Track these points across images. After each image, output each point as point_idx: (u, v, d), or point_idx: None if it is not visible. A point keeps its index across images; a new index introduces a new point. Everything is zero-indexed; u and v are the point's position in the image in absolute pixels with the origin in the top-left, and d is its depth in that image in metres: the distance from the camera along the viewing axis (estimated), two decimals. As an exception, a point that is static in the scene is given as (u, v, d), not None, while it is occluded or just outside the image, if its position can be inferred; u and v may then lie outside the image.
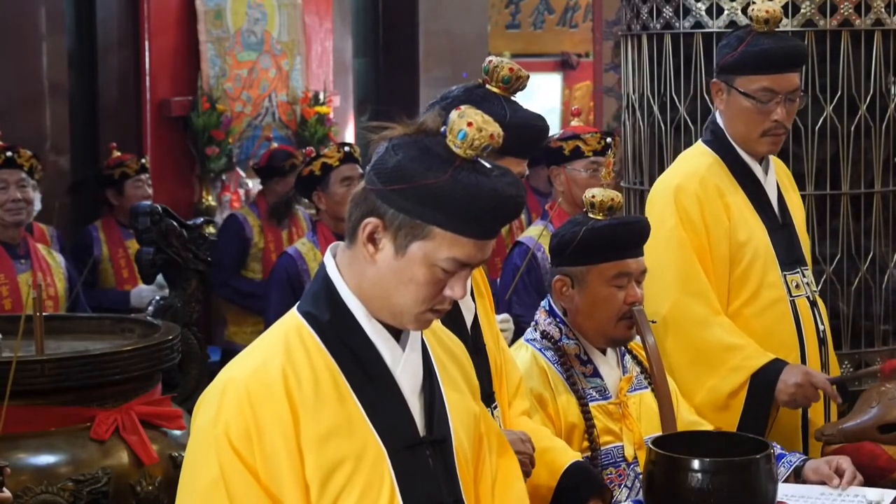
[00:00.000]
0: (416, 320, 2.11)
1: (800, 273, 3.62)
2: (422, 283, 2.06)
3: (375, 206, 2.05)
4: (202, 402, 2.12)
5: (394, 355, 2.14)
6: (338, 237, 5.51)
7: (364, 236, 2.06)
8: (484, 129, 2.03)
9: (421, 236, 2.03)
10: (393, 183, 2.02)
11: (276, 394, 2.06)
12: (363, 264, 2.09)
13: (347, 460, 2.07)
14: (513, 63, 2.66)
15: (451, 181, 2.00)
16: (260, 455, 2.04)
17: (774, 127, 3.52)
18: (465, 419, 2.24)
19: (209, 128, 7.53)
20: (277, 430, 2.05)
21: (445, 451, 2.17)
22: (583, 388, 3.12)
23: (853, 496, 3.00)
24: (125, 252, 6.28)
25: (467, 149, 2.03)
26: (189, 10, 7.69)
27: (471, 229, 2.03)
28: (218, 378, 2.14)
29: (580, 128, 5.15)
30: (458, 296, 2.09)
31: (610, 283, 3.11)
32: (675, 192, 3.53)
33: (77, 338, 3.87)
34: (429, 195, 2.01)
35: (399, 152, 2.04)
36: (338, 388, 2.09)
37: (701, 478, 2.65)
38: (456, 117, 2.04)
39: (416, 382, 2.16)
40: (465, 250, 2.04)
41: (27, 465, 3.39)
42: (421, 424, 2.15)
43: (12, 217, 5.02)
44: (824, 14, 4.15)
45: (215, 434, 2.05)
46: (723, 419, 3.43)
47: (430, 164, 2.01)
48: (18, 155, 5.14)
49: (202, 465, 2.06)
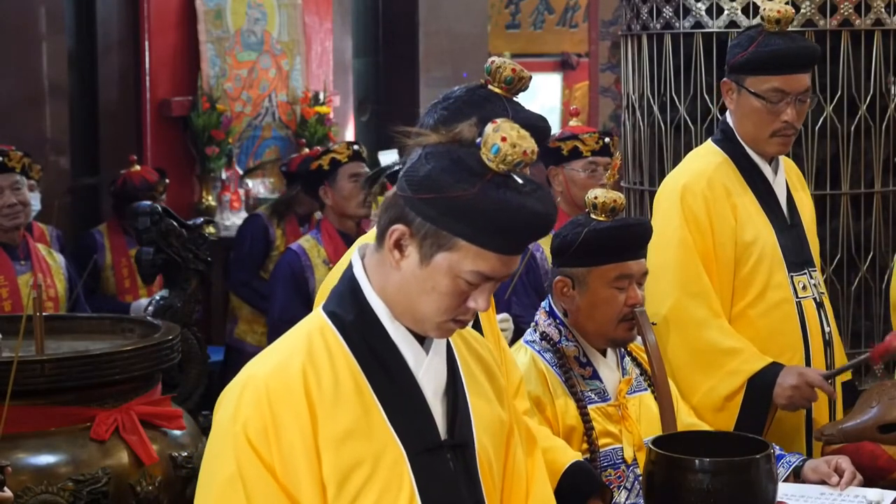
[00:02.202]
0: (437, 328, 2.12)
1: (807, 274, 3.61)
2: (445, 293, 2.06)
3: (404, 212, 2.05)
4: (223, 399, 2.13)
5: (417, 358, 2.14)
6: (341, 234, 5.51)
7: (391, 242, 2.06)
8: (518, 146, 2.02)
9: (447, 247, 2.03)
10: (422, 192, 2.02)
11: (294, 392, 2.06)
12: (388, 269, 2.10)
13: (366, 461, 2.07)
14: (515, 64, 2.66)
15: (481, 195, 1.99)
16: (277, 453, 2.05)
17: (784, 127, 3.51)
18: (491, 426, 2.23)
19: (209, 128, 7.53)
20: (296, 428, 2.05)
21: (467, 456, 2.17)
22: (581, 390, 3.12)
23: (853, 496, 3.00)
24: (128, 262, 6.16)
25: (500, 163, 2.01)
26: (189, 10, 7.69)
27: (497, 244, 2.03)
28: (239, 375, 2.14)
29: (578, 128, 5.14)
30: (481, 308, 2.09)
31: (611, 285, 3.10)
32: (682, 191, 3.53)
33: (77, 338, 3.87)
34: (457, 207, 2.00)
35: (431, 161, 2.03)
36: (358, 389, 2.10)
37: (701, 478, 2.65)
38: (491, 131, 2.03)
39: (438, 386, 2.16)
40: (489, 264, 2.04)
41: (27, 465, 3.39)
42: (443, 428, 2.15)
43: (10, 222, 4.96)
44: (824, 14, 4.15)
45: (234, 431, 2.06)
46: (719, 421, 3.43)
47: (460, 175, 2.00)
48: (9, 158, 5.02)
49: (220, 462, 2.07)
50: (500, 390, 2.31)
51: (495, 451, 2.24)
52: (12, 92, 6.72)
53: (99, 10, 7.49)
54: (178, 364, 3.98)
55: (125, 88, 7.59)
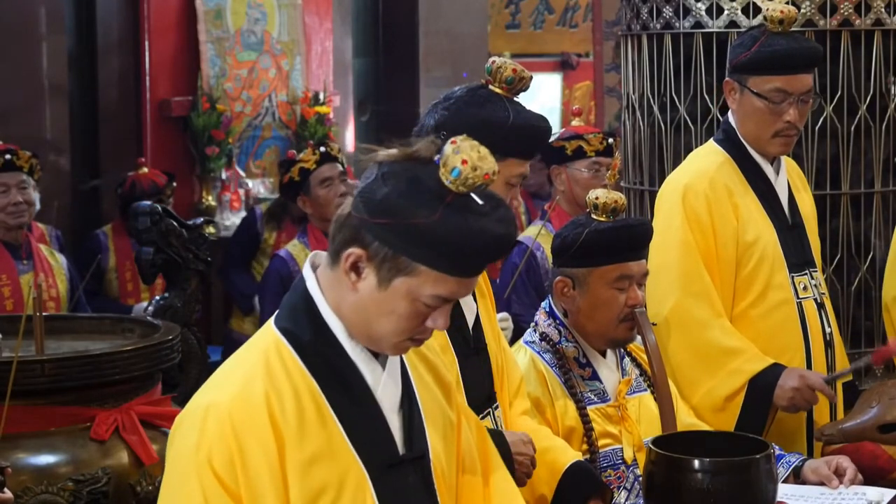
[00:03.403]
0: (394, 347, 2.09)
1: (808, 275, 3.60)
2: (403, 315, 2.03)
3: (360, 235, 2.01)
4: (181, 426, 2.06)
5: (374, 375, 2.11)
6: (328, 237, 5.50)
7: (347, 265, 2.03)
8: (479, 168, 1.96)
9: (406, 272, 1.99)
10: (380, 216, 1.97)
11: (260, 421, 2.02)
12: (344, 289, 2.06)
13: (331, 486, 2.04)
14: (516, 64, 2.65)
15: (441, 222, 1.94)
16: (244, 482, 2.00)
17: (786, 128, 3.50)
18: (443, 429, 2.21)
19: (209, 128, 7.53)
20: (262, 457, 2.01)
21: (424, 468, 2.15)
22: (581, 391, 3.12)
23: (853, 496, 3.00)
24: (132, 265, 6.13)
25: (460, 185, 1.96)
26: (189, 11, 7.69)
27: (457, 269, 2.00)
28: (196, 401, 2.08)
29: (582, 128, 5.15)
30: (439, 327, 2.07)
31: (611, 286, 3.10)
32: (684, 191, 3.53)
33: (77, 338, 3.87)
34: (416, 234, 1.95)
35: (388, 182, 1.97)
36: (319, 411, 2.06)
37: (701, 478, 2.65)
38: (451, 152, 1.97)
39: (395, 400, 2.14)
40: (449, 288, 2.01)
41: (27, 465, 3.39)
42: (400, 442, 2.13)
43: (15, 220, 5.04)
44: (824, 14, 4.15)
45: (197, 461, 2.00)
46: (720, 421, 3.42)
47: (419, 200, 1.95)
48: (18, 157, 5.13)
49: (184, 493, 2.01)
50: (445, 387, 2.28)
51: (447, 456, 2.22)
52: (12, 92, 6.73)
53: (99, 10, 7.50)
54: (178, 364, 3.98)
55: (125, 88, 7.59)
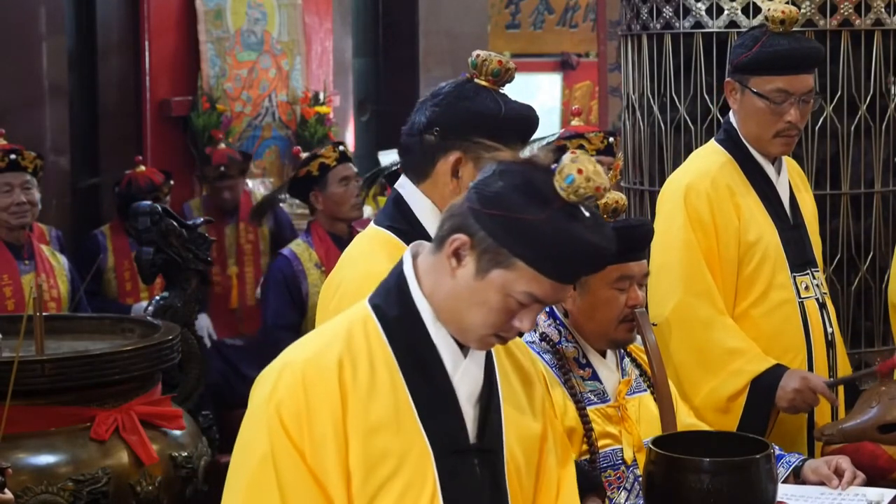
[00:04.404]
0: (479, 341, 2.14)
1: (810, 275, 3.60)
2: (494, 308, 2.08)
3: (468, 223, 2.07)
4: (261, 379, 2.16)
5: (455, 361, 2.16)
6: (332, 236, 5.49)
7: (450, 249, 2.09)
8: (592, 180, 2.03)
9: (504, 265, 2.05)
10: (490, 207, 2.04)
11: (329, 380, 2.09)
12: (442, 275, 2.12)
13: (392, 455, 2.10)
14: (500, 55, 2.67)
15: (548, 222, 2.02)
16: (308, 438, 2.07)
17: (788, 128, 3.50)
18: (523, 437, 2.25)
19: (209, 128, 7.53)
20: (328, 415, 2.08)
21: (495, 462, 2.19)
22: (581, 392, 3.11)
23: (853, 496, 3.00)
24: (130, 264, 6.12)
25: (571, 194, 2.03)
26: (189, 11, 7.69)
27: (554, 271, 2.05)
28: (278, 358, 2.17)
29: (582, 127, 5.16)
30: (525, 329, 2.12)
31: (612, 286, 3.10)
32: (686, 191, 3.53)
33: (77, 338, 3.88)
34: (521, 229, 2.02)
35: (504, 178, 2.05)
36: (393, 384, 2.12)
37: (701, 478, 2.65)
38: (569, 161, 2.04)
39: (473, 391, 2.18)
40: (542, 288, 2.06)
41: (27, 465, 3.39)
42: (473, 433, 2.17)
43: (17, 220, 5.06)
44: (824, 14, 4.15)
45: (268, 411, 2.09)
46: (722, 422, 3.42)
47: (530, 199, 2.03)
48: (23, 157, 5.15)
49: (255, 440, 2.10)
50: (536, 400, 2.33)
51: (526, 460, 2.26)
52: (12, 92, 6.72)
53: (99, 10, 7.49)
54: (178, 364, 3.99)
55: (125, 88, 7.59)
